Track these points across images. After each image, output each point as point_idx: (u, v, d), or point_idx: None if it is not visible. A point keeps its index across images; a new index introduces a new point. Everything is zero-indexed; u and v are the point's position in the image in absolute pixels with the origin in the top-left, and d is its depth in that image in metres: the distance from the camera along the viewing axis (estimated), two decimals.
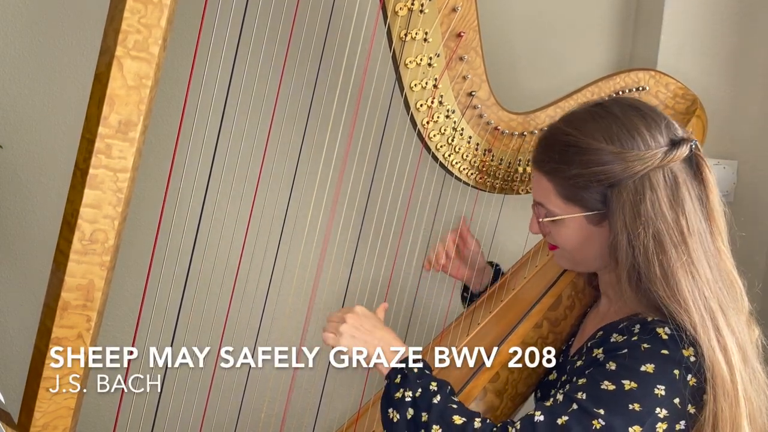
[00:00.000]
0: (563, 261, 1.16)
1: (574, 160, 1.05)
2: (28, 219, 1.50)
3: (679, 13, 1.62)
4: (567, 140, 1.06)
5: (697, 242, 1.01)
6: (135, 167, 1.02)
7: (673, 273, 0.99)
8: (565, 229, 1.09)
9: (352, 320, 1.12)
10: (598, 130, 1.04)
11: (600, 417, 0.96)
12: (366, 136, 1.33)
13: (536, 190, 1.12)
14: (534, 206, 1.14)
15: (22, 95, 1.45)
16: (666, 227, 1.00)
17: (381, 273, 1.41)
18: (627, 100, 1.10)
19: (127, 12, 0.95)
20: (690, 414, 0.98)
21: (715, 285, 1.01)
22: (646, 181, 1.01)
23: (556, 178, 1.07)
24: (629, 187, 1.02)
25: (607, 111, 1.06)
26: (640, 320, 1.03)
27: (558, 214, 1.09)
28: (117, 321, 1.47)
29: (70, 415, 1.06)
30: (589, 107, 1.10)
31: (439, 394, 1.05)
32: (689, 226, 1.01)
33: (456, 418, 1.02)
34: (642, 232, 1.00)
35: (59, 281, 1.02)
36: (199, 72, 1.11)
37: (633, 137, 1.03)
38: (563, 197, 1.07)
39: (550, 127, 1.13)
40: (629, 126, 1.04)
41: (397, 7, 1.16)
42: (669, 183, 1.02)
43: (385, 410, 1.07)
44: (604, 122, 1.05)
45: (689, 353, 0.98)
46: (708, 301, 1.00)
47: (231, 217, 1.34)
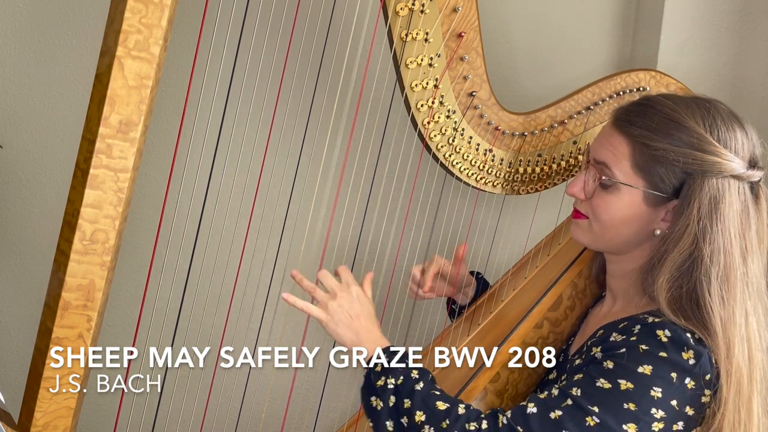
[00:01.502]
0: (586, 235, 1.12)
1: (670, 133, 1.03)
2: (28, 219, 1.50)
3: (679, 13, 1.62)
4: (668, 113, 1.04)
5: (755, 261, 1.03)
6: (136, 167, 1.02)
7: (732, 279, 1.00)
8: (617, 200, 1.06)
9: (345, 300, 1.11)
10: (701, 116, 1.03)
11: (594, 414, 0.96)
12: (366, 137, 1.33)
13: (606, 150, 1.07)
14: (593, 165, 1.09)
15: (22, 95, 1.45)
16: (736, 234, 1.01)
17: (382, 273, 1.40)
18: (728, 108, 1.08)
19: (127, 12, 0.95)
20: (688, 415, 0.98)
21: (758, 304, 1.03)
22: (726, 184, 1.01)
23: (641, 145, 1.04)
24: (713, 183, 1.01)
25: (713, 105, 1.06)
26: (641, 321, 1.02)
27: (621, 180, 1.05)
28: (117, 321, 1.47)
29: (71, 415, 1.06)
30: (693, 96, 1.09)
31: (422, 381, 1.04)
32: (751, 243, 1.02)
33: (439, 403, 1.02)
34: (718, 230, 1.00)
35: (60, 281, 1.02)
36: (200, 72, 1.11)
37: (730, 137, 1.03)
38: (636, 166, 1.05)
39: (652, 97, 1.09)
40: (729, 126, 1.04)
41: (397, 7, 1.16)
42: (742, 196, 1.03)
43: (367, 398, 1.06)
44: (708, 113, 1.04)
45: (688, 356, 0.97)
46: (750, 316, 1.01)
47: (231, 217, 1.34)
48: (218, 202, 1.24)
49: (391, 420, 1.03)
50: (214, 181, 1.15)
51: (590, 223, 1.10)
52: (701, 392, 0.98)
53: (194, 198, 1.15)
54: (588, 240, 1.12)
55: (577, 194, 1.11)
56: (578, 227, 1.13)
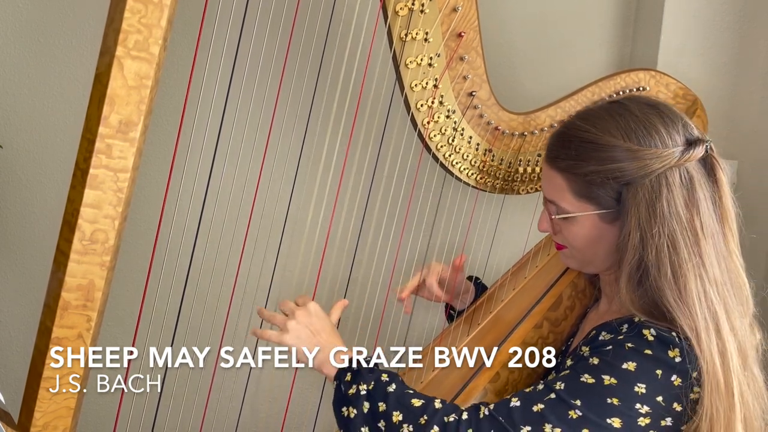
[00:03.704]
0: (571, 261, 1.15)
1: (591, 156, 1.03)
2: (28, 219, 1.50)
3: (679, 13, 1.62)
4: (583, 136, 1.05)
5: (710, 244, 1.01)
6: (135, 167, 1.02)
7: (683, 274, 0.99)
8: (578, 227, 1.08)
9: (302, 317, 1.12)
10: (615, 127, 1.03)
11: (576, 408, 0.97)
12: (366, 136, 1.33)
13: (549, 188, 1.10)
14: (546, 204, 1.12)
15: (22, 95, 1.45)
16: (680, 227, 1.00)
17: (381, 273, 1.40)
18: (644, 98, 1.08)
19: (127, 12, 0.95)
20: (677, 412, 0.98)
21: (723, 287, 1.01)
22: (663, 180, 1.00)
23: (571, 174, 1.06)
24: (645, 186, 1.01)
25: (625, 108, 1.05)
26: (629, 320, 1.03)
27: (571, 211, 1.07)
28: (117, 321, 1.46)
29: (70, 415, 1.06)
30: (606, 104, 1.09)
31: (393, 382, 1.05)
32: (703, 227, 1.00)
33: (414, 401, 1.03)
34: (657, 232, 0.99)
35: (59, 281, 1.02)
36: (200, 72, 1.11)
37: (651, 135, 1.02)
38: (577, 194, 1.06)
39: (566, 124, 1.11)
40: (647, 124, 1.03)
41: (397, 7, 1.16)
42: (685, 183, 1.01)
43: (338, 410, 1.07)
44: (622, 119, 1.04)
45: (674, 354, 0.98)
46: (713, 304, 0.99)
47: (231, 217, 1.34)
48: (218, 202, 1.24)
49: (366, 426, 1.04)
50: (213, 181, 1.15)
51: (570, 251, 1.12)
52: (689, 389, 0.98)
53: (194, 198, 1.15)
54: (576, 265, 1.16)
55: (546, 230, 1.14)
56: (564, 256, 1.15)
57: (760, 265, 1.71)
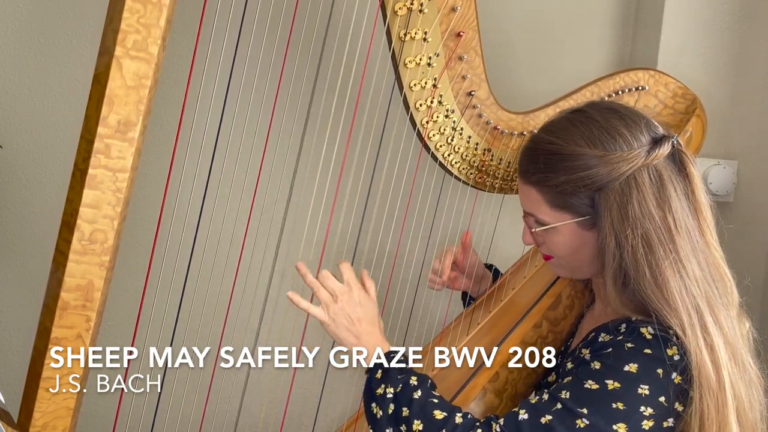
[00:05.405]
0: (560, 270, 1.16)
1: (559, 167, 1.05)
2: (28, 219, 1.50)
3: (679, 13, 1.62)
4: (550, 149, 1.06)
5: (686, 239, 1.01)
6: (134, 167, 1.02)
7: (661, 272, 0.99)
8: (559, 237, 1.09)
9: (346, 304, 1.12)
10: (579, 135, 1.04)
11: (584, 416, 0.97)
12: (365, 136, 1.33)
13: (525, 202, 1.12)
14: (525, 217, 1.13)
15: (22, 95, 1.45)
16: (654, 226, 1.00)
17: (381, 272, 1.40)
18: (604, 104, 1.10)
19: (126, 12, 0.95)
20: (678, 412, 0.98)
21: (703, 282, 1.01)
22: (632, 182, 1.01)
23: (544, 187, 1.07)
24: (615, 189, 1.02)
25: (586, 116, 1.07)
26: (626, 320, 1.03)
27: (549, 222, 1.08)
28: (117, 321, 1.46)
29: (70, 415, 1.06)
30: (568, 114, 1.10)
31: (420, 389, 1.05)
32: (677, 223, 1.01)
33: (437, 413, 1.03)
34: (630, 233, 1.00)
35: (58, 281, 1.02)
36: (199, 72, 1.11)
37: (615, 139, 1.03)
38: (553, 205, 1.07)
39: (532, 138, 1.12)
40: (609, 128, 1.04)
41: (396, 6, 1.16)
42: (654, 181, 1.02)
43: (369, 405, 1.08)
44: (585, 127, 1.05)
45: (673, 352, 0.98)
46: (696, 300, 0.99)
47: (230, 217, 1.34)
48: (217, 202, 1.24)
49: (390, 428, 1.05)
50: (212, 181, 1.16)
51: (557, 260, 1.13)
52: (688, 387, 0.98)
53: (193, 198, 1.15)
54: (566, 273, 1.17)
55: (530, 243, 1.15)
56: (553, 266, 1.16)
57: (760, 265, 1.71)
